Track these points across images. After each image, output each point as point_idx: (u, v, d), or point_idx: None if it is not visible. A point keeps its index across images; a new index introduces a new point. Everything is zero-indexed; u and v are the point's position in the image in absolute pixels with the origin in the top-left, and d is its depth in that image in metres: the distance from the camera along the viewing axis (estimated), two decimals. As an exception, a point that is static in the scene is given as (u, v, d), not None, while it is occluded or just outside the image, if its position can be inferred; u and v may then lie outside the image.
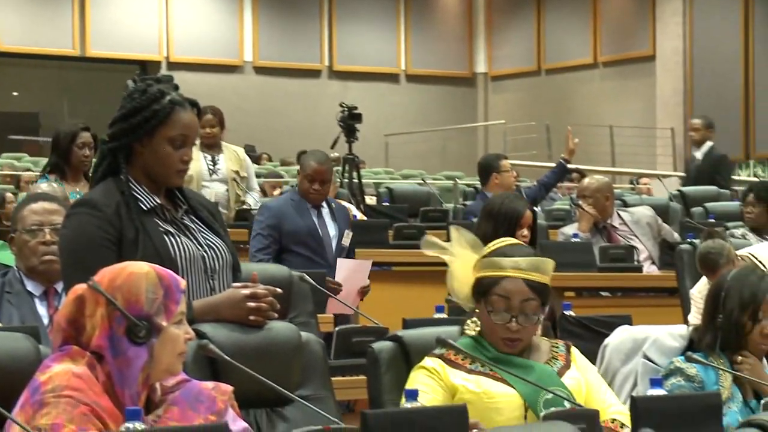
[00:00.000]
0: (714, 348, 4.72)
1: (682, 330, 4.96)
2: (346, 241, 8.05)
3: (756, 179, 17.68)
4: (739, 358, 4.70)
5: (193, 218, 4.40)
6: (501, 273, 4.23)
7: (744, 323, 4.70)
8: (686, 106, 23.89)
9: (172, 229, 4.30)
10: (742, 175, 21.95)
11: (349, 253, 8.16)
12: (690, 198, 12.55)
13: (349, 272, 7.67)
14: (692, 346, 4.80)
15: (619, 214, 9.13)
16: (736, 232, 9.20)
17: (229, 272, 4.42)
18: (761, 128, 22.96)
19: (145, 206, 4.26)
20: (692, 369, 4.66)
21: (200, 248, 4.33)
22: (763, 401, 4.43)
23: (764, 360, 4.81)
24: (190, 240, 4.32)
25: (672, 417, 3.98)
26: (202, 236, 4.37)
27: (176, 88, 4.36)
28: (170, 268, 4.08)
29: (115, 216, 4.21)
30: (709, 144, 12.45)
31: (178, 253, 4.26)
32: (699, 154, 12.48)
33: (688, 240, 8.49)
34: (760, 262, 6.87)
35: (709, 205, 11.56)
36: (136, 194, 4.26)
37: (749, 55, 23.17)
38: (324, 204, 8.14)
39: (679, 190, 13.61)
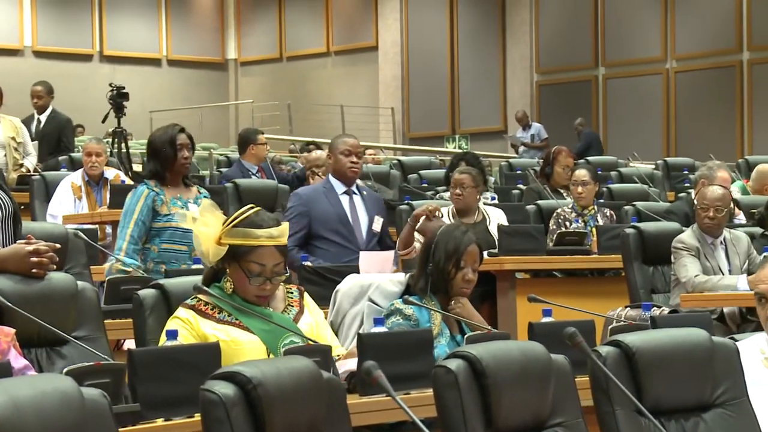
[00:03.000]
0: (426, 291, 4.80)
1: (401, 277, 5.03)
2: (377, 226, 7.10)
3: (460, 150, 17.99)
4: (452, 302, 4.79)
5: None
6: (255, 242, 4.10)
7: (449, 270, 4.79)
8: (404, 90, 24.22)
9: None
10: (450, 147, 22.36)
11: (381, 238, 7.19)
12: (407, 166, 12.71)
13: (372, 263, 6.53)
14: (409, 290, 4.88)
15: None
16: (444, 195, 9.27)
17: (9, 221, 4.33)
18: (464, 109, 23.44)
19: None
20: (409, 309, 4.73)
21: None
22: (466, 336, 4.53)
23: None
24: None
25: (392, 350, 4.04)
26: None
27: None
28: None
29: None
30: (51, 108, 11.65)
31: None
32: (43, 117, 11.54)
33: (406, 201, 8.59)
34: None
35: (422, 172, 11.72)
36: None
37: (454, 48, 23.61)
38: (356, 191, 7.18)
39: (398, 160, 13.71)
